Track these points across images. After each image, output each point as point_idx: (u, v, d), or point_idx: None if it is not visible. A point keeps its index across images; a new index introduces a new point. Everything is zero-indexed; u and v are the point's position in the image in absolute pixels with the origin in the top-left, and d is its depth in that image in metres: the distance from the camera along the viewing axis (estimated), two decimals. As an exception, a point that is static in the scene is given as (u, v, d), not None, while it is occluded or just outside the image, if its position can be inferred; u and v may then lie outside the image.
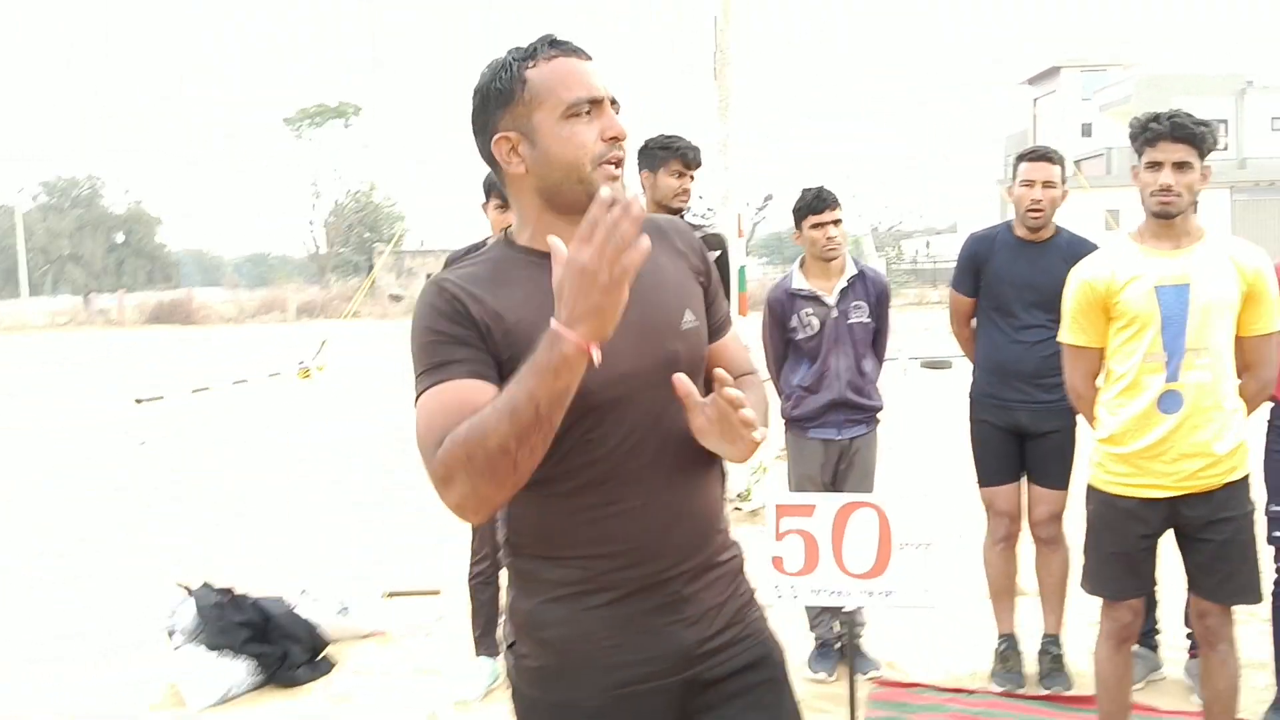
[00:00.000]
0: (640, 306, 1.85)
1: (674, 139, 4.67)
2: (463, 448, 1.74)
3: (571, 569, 1.94)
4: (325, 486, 9.83)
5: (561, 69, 1.90)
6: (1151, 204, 3.38)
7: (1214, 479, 3.38)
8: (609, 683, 1.95)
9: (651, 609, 1.95)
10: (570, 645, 1.95)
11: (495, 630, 4.77)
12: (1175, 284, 3.36)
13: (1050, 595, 4.63)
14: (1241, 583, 3.44)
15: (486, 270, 1.94)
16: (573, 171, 1.88)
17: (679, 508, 1.96)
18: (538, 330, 1.72)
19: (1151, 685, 4.55)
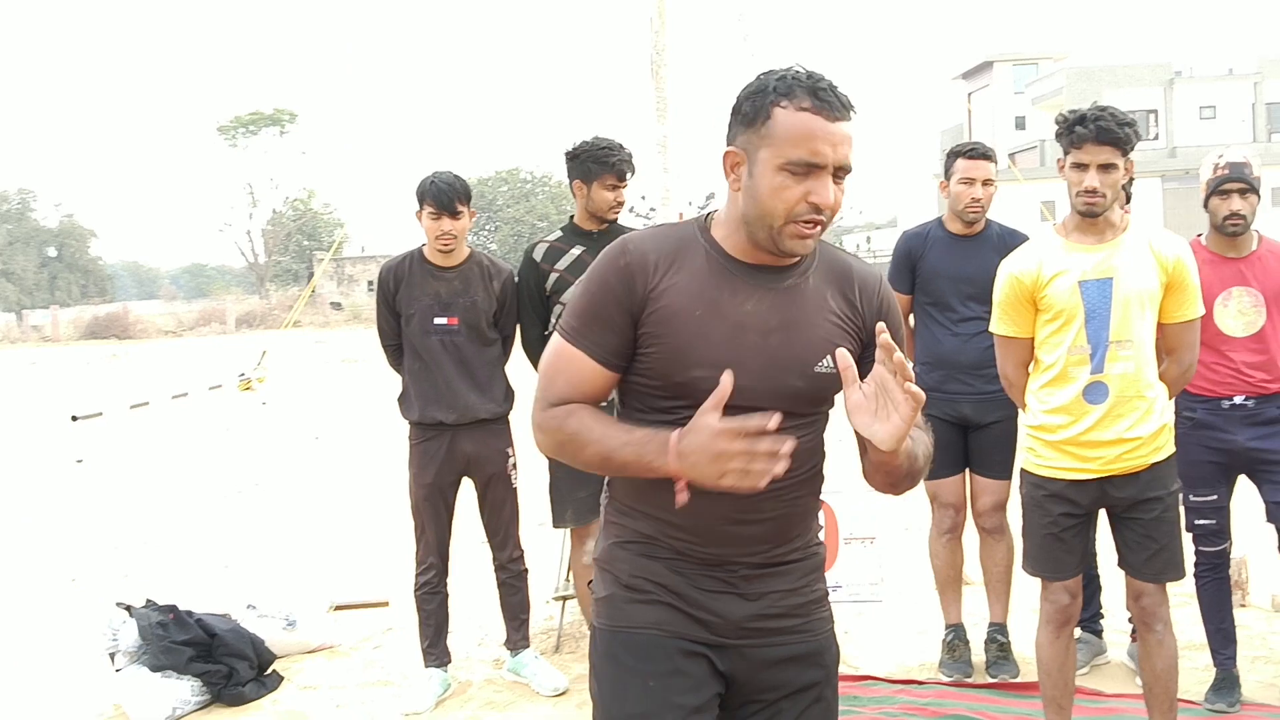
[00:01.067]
0: (785, 335, 2.05)
1: (608, 151, 4.59)
2: (563, 436, 2.05)
3: (646, 524, 2.12)
4: (268, 500, 9.70)
5: (803, 124, 1.96)
6: (1078, 204, 3.45)
7: (1140, 460, 3.47)
8: (662, 620, 2.10)
9: (713, 578, 2.10)
10: (634, 579, 2.12)
11: (444, 640, 4.73)
12: (1098, 278, 3.43)
13: (995, 584, 4.68)
14: (1167, 559, 3.53)
15: (673, 246, 2.09)
16: (766, 218, 2.00)
17: (754, 512, 2.05)
18: (687, 321, 2.02)
19: (1096, 670, 4.62)
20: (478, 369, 4.63)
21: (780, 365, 2.03)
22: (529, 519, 5.01)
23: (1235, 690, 4.20)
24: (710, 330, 2.03)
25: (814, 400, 2.10)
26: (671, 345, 2.03)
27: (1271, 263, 4.07)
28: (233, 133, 63.26)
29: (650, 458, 1.93)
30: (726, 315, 2.04)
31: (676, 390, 2.03)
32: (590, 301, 2.07)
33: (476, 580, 6.33)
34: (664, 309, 2.03)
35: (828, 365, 2.06)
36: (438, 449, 4.60)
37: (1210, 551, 4.22)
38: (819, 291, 2.11)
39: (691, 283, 2.05)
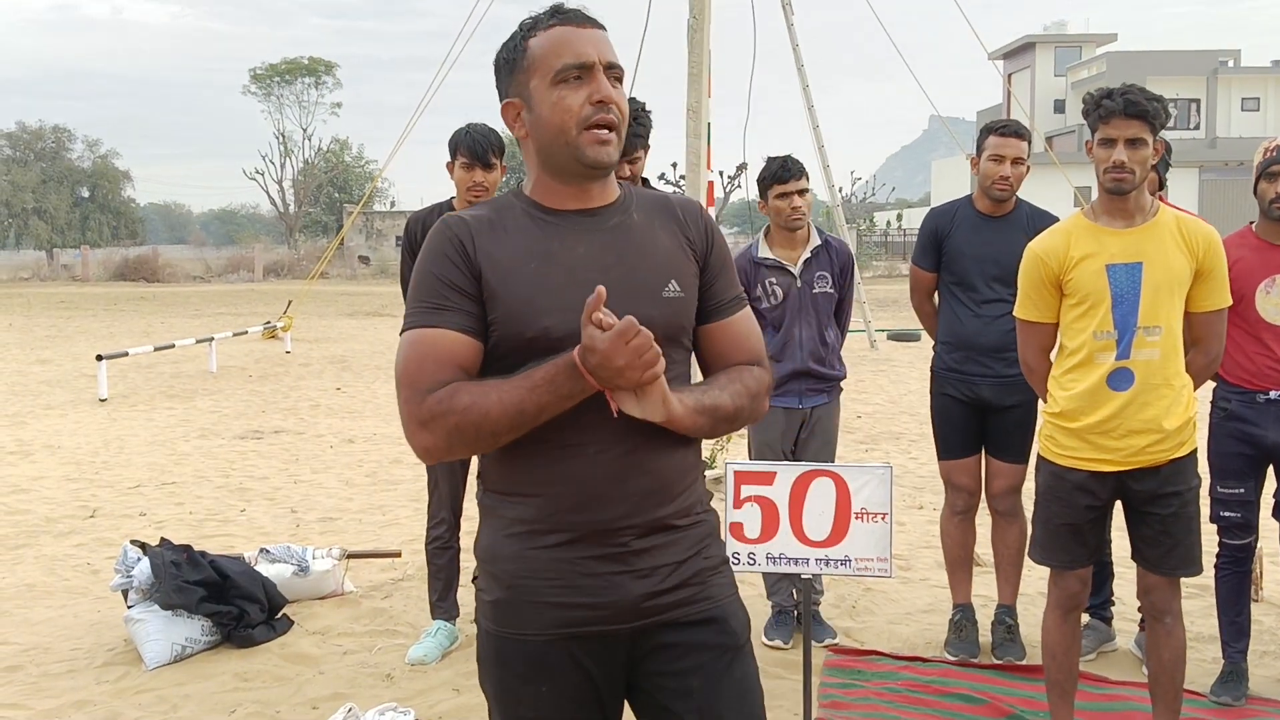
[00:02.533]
0: (624, 269, 2.03)
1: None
2: (456, 416, 1.91)
3: (526, 506, 2.02)
4: (287, 448, 9.78)
5: (556, 37, 2.00)
6: (1105, 180, 3.38)
7: (1162, 454, 3.41)
8: (554, 621, 2.01)
9: (599, 556, 2.00)
10: (519, 581, 2.02)
11: (453, 593, 4.77)
12: (1127, 262, 3.37)
13: (1006, 567, 4.67)
14: (1184, 555, 3.48)
15: (491, 214, 2.07)
16: (561, 135, 1.99)
17: (635, 463, 2.00)
18: (523, 274, 1.98)
19: (1103, 656, 4.61)
20: None
21: (629, 298, 1.98)
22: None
23: (1242, 684, 4.18)
24: (549, 279, 2.00)
25: (671, 330, 2.05)
26: (515, 302, 1.98)
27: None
28: (267, 81, 63.25)
29: (566, 386, 1.88)
30: (562, 262, 2.02)
31: (530, 347, 1.97)
32: (430, 280, 2.01)
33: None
34: (497, 269, 2.00)
35: (675, 290, 2.07)
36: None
37: (1234, 545, 4.19)
38: (646, 224, 2.11)
39: (519, 240, 2.03)
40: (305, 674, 4.51)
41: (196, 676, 4.48)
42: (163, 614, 4.68)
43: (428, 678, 4.45)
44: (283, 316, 19.73)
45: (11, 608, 5.41)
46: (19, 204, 57.50)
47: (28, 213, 58.13)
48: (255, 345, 18.81)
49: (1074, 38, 54.69)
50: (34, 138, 61.07)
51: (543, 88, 2.00)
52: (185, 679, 4.45)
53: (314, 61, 63.90)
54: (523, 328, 1.98)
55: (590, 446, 1.98)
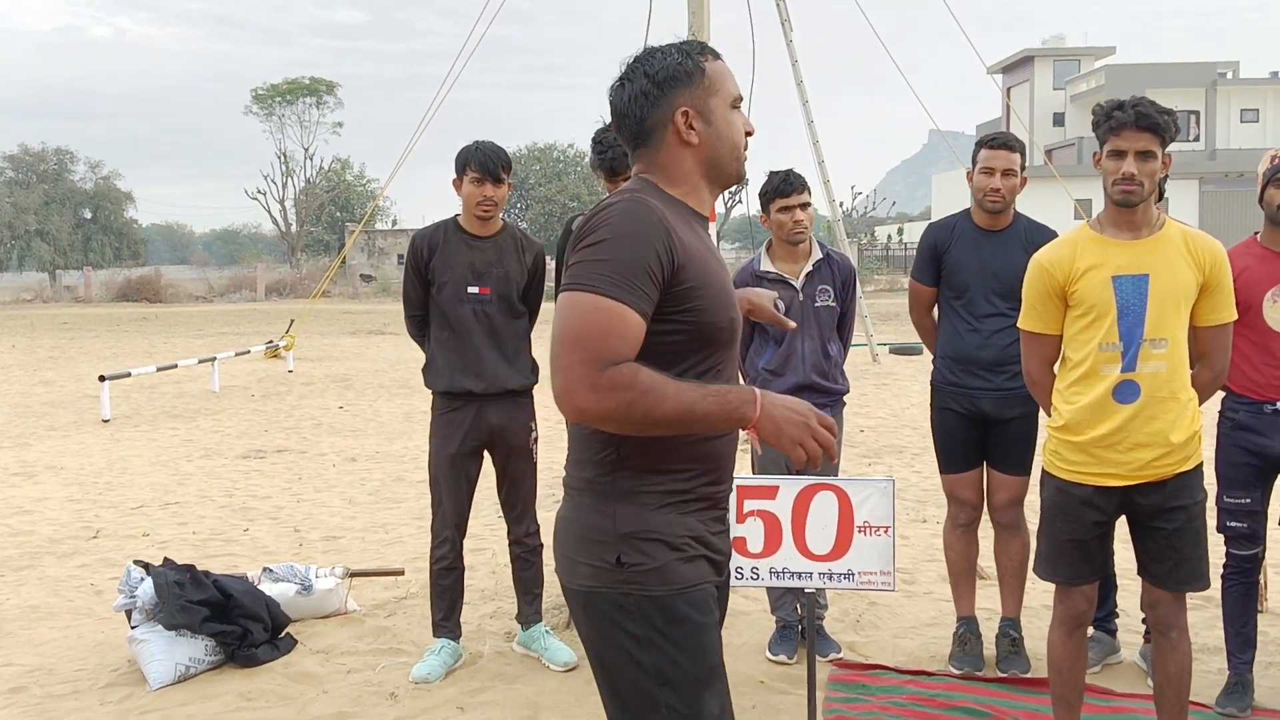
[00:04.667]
0: (725, 273, 2.33)
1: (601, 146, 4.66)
2: (635, 394, 2.06)
3: (676, 480, 2.26)
4: (290, 466, 9.78)
5: (725, 70, 2.36)
6: (1114, 192, 3.37)
7: (1168, 468, 3.40)
8: (706, 572, 2.30)
9: (718, 518, 2.37)
10: (682, 540, 2.26)
11: (456, 612, 4.76)
12: (1133, 274, 3.36)
13: (1009, 579, 4.66)
14: (1191, 569, 3.46)
15: (668, 209, 2.24)
16: (734, 150, 2.35)
17: (734, 439, 2.37)
18: (711, 267, 2.25)
19: (1108, 669, 4.60)
20: (507, 340, 4.65)
21: (733, 295, 2.36)
22: (544, 495, 5.02)
23: (1248, 695, 4.17)
24: (723, 277, 2.31)
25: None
26: (714, 292, 2.24)
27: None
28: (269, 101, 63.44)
29: (735, 408, 2.13)
30: (721, 261, 2.35)
31: (713, 336, 2.25)
32: (631, 256, 2.11)
33: (491, 554, 6.38)
34: (692, 259, 2.20)
35: None
36: (463, 419, 4.62)
37: (1241, 555, 4.18)
38: None
39: (692, 236, 2.26)
40: (309, 693, 4.50)
41: (200, 696, 4.47)
42: (166, 634, 4.67)
43: (431, 696, 4.44)
44: (285, 335, 19.74)
45: (15, 629, 5.41)
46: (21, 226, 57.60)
47: (30, 234, 58.23)
48: (258, 365, 18.82)
49: (1072, 51, 54.81)
50: (36, 160, 61.24)
51: (722, 108, 2.32)
52: (189, 699, 4.45)
53: (315, 81, 64.07)
54: (717, 317, 2.25)
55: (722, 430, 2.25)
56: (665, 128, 2.29)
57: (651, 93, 2.28)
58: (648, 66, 2.29)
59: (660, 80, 2.28)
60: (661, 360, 2.15)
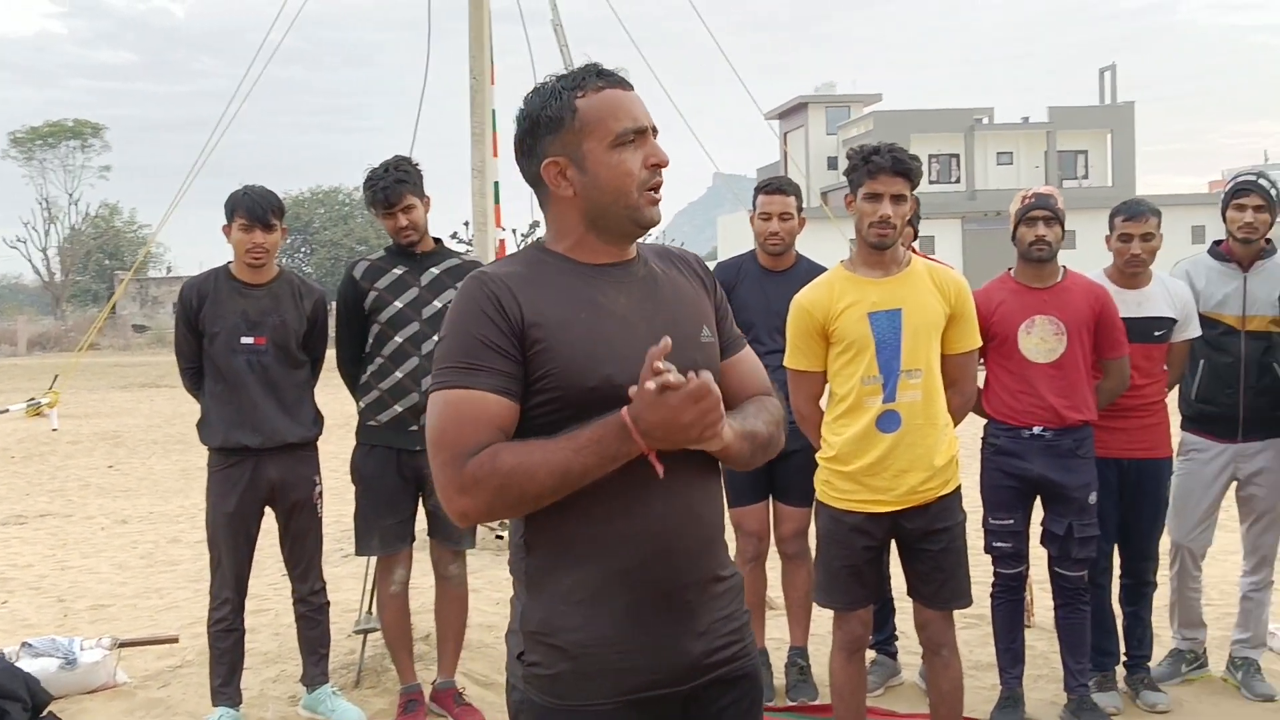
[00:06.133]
0: (666, 317, 2.05)
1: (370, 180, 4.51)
2: (499, 479, 1.87)
3: (590, 570, 1.98)
4: (54, 531, 9.14)
5: (610, 100, 2.02)
6: (870, 235, 3.57)
7: (930, 492, 3.59)
8: (622, 688, 1.98)
9: (665, 618, 2.00)
10: (586, 650, 1.97)
11: (237, 678, 4.53)
12: (888, 309, 3.56)
13: (796, 609, 4.78)
14: (955, 588, 3.67)
15: (524, 270, 2.03)
16: (622, 197, 2.02)
17: (693, 514, 2.02)
18: (577, 325, 1.97)
19: (891, 690, 4.77)
20: (285, 391, 4.47)
21: (676, 346, 1.96)
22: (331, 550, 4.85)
23: (1019, 708, 4.39)
24: (603, 329, 2.00)
25: (713, 370, 2.03)
26: (572, 353, 1.96)
27: (1075, 294, 4.29)
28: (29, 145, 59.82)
29: (613, 448, 1.86)
30: (611, 312, 2.02)
31: (591, 397, 1.93)
32: (468, 338, 1.96)
33: (274, 614, 6.11)
34: (547, 323, 1.97)
35: (708, 334, 2.13)
36: (241, 475, 4.42)
37: (1007, 574, 4.40)
38: (665, 272, 2.16)
39: (561, 293, 2.01)
40: (73, 777, 4.18)
41: (-53, 790, 4.09)
42: (-93, 724, 4.26)
43: (211, 769, 4.19)
44: (48, 392, 18.51)
45: None
46: None
47: None
48: (18, 424, 17.54)
49: (843, 98, 57.58)
50: None
51: (600, 150, 2.00)
52: (-66, 794, 4.06)
53: (79, 124, 60.84)
54: (583, 378, 1.95)
55: (655, 504, 1.97)
56: (541, 182, 2.05)
57: (525, 142, 2.06)
58: (520, 112, 2.07)
59: (528, 129, 2.05)
60: (553, 425, 1.94)
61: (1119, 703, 4.53)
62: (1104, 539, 4.40)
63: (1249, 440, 4.62)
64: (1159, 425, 4.55)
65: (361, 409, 4.54)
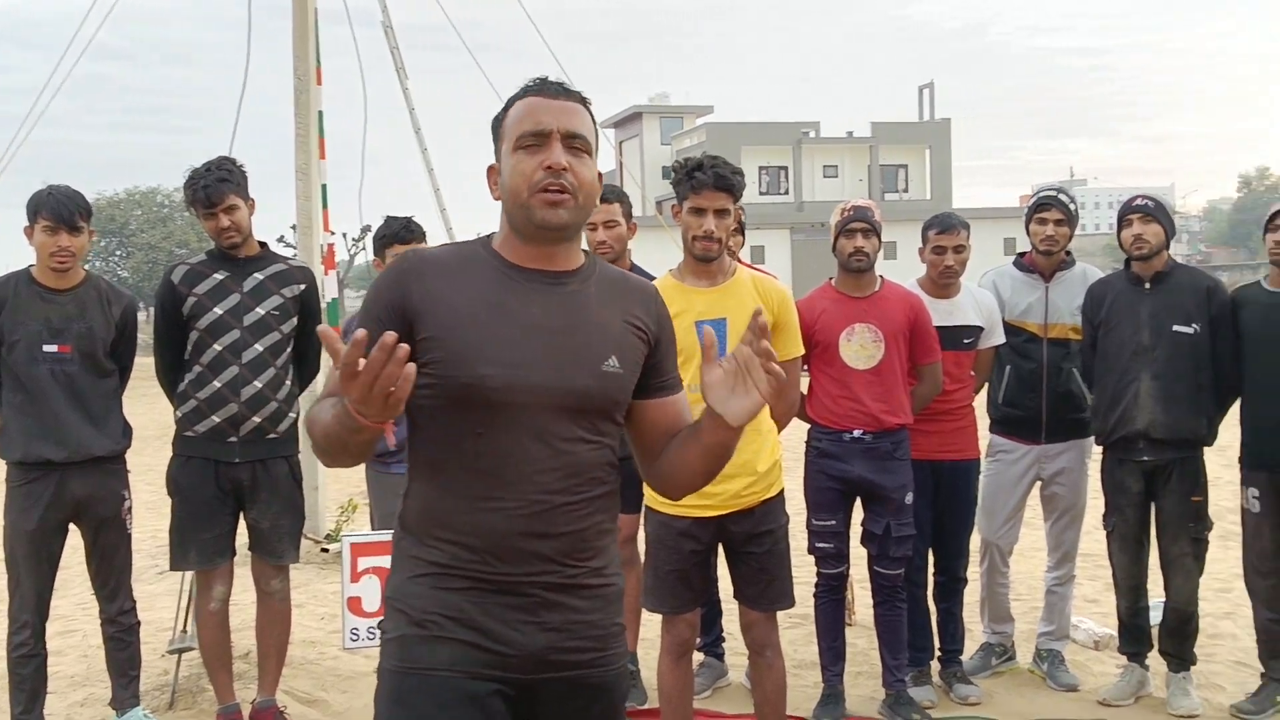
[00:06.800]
0: (571, 335, 2.10)
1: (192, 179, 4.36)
2: (310, 424, 2.02)
3: (439, 552, 2.06)
4: None
5: (526, 106, 2.12)
6: (695, 248, 3.63)
7: (754, 496, 3.67)
8: (458, 659, 2.03)
9: (510, 608, 2.05)
10: (428, 616, 2.05)
11: (39, 705, 4.30)
12: (713, 318, 3.62)
13: (627, 614, 4.76)
14: (779, 589, 3.76)
15: (451, 259, 2.14)
16: (516, 197, 2.09)
17: (552, 522, 2.05)
18: (471, 321, 2.04)
19: (719, 692, 4.85)
20: (92, 402, 4.25)
21: (570, 364, 2.07)
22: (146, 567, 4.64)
23: (840, 704, 4.52)
24: (498, 330, 2.06)
25: (605, 403, 2.11)
26: (458, 346, 2.03)
27: (892, 303, 4.46)
28: None
29: (345, 420, 1.87)
30: (514, 317, 2.08)
31: (464, 394, 2.00)
32: (371, 301, 2.11)
33: (82, 635, 5.82)
34: (444, 312, 2.05)
35: (614, 365, 2.12)
36: (43, 491, 4.19)
37: (830, 574, 4.53)
38: (600, 297, 2.17)
39: (475, 288, 2.08)
40: None
41: None
42: None
43: (10, 802, 3.96)
44: None
45: None
46: None
47: None
48: None
49: (676, 109, 58.41)
50: None
51: (507, 152, 2.11)
52: None
53: None
54: (459, 372, 2.02)
55: (508, 502, 2.02)
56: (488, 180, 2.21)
57: None
58: None
59: (491, 135, 2.20)
60: (424, 418, 2.06)
61: (934, 696, 4.72)
62: (918, 538, 4.58)
63: (1051, 442, 4.89)
64: (968, 428, 4.77)
65: (178, 419, 4.36)
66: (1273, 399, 4.29)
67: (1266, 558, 4.46)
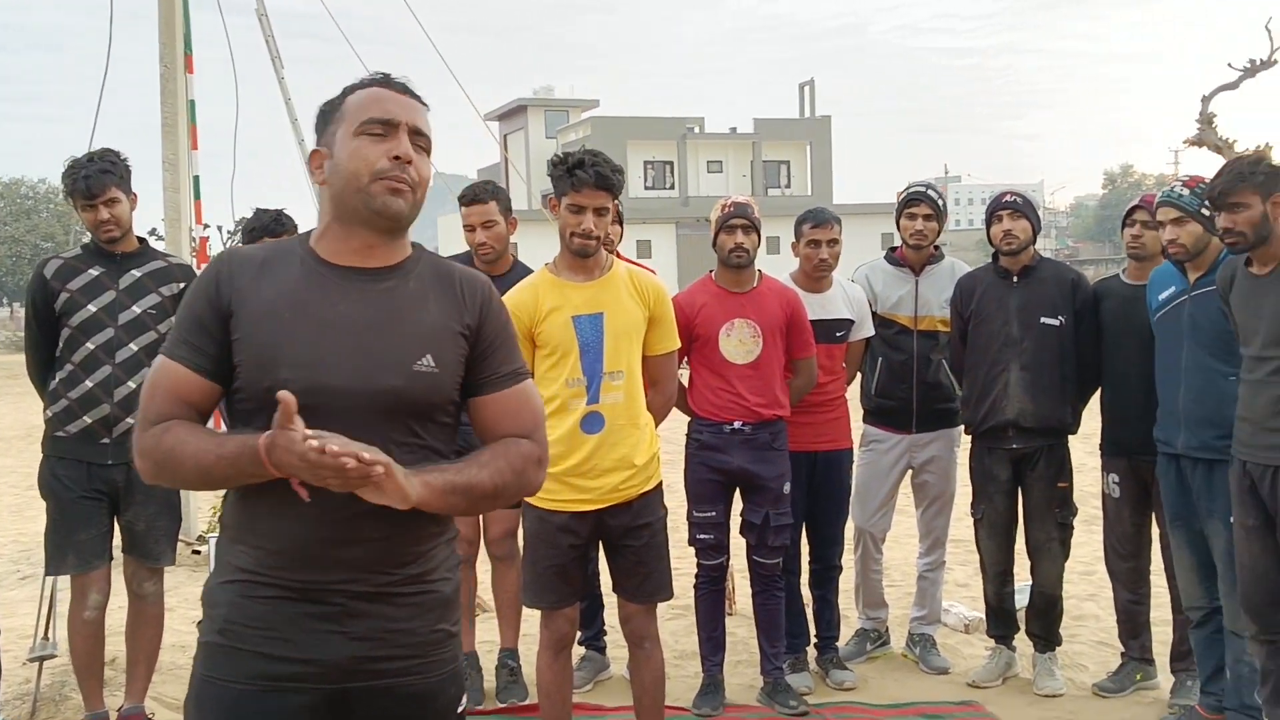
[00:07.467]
0: (380, 334, 2.03)
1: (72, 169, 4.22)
2: (160, 454, 1.96)
3: (246, 556, 2.02)
4: None
5: (371, 94, 2.08)
6: (574, 244, 3.63)
7: (633, 489, 3.68)
8: (258, 671, 1.99)
9: (312, 614, 1.99)
10: (231, 625, 2.01)
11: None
12: (591, 313, 3.62)
13: (505, 610, 4.79)
14: (657, 581, 3.78)
15: (268, 254, 2.09)
16: (354, 181, 2.03)
17: (359, 528, 1.98)
18: (273, 322, 1.99)
19: (600, 685, 4.86)
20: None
21: (375, 364, 2.00)
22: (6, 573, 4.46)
23: (719, 694, 4.57)
24: (298, 330, 2.00)
25: (418, 405, 2.04)
26: (257, 348, 1.99)
27: (770, 298, 4.51)
28: None
29: (249, 468, 1.87)
30: (316, 315, 2.02)
31: (268, 398, 1.88)
32: (183, 311, 2.06)
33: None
34: (251, 312, 2.01)
35: (428, 365, 2.04)
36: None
37: (710, 565, 4.57)
38: (420, 293, 2.10)
39: (282, 286, 2.03)
40: None
41: None
42: None
43: None
44: None
45: None
46: None
47: None
48: None
49: (561, 102, 58.17)
50: None
51: (346, 136, 2.05)
52: None
53: None
54: (261, 376, 1.97)
55: (311, 509, 1.92)
56: (309, 164, 2.15)
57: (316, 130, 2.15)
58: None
59: (317, 121, 2.14)
60: (239, 421, 2.02)
61: (810, 683, 4.80)
62: (793, 528, 4.65)
63: (921, 431, 5.01)
64: (841, 419, 4.87)
65: (49, 419, 4.19)
66: (1131, 388, 4.46)
67: (1126, 541, 4.64)
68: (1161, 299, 4.24)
